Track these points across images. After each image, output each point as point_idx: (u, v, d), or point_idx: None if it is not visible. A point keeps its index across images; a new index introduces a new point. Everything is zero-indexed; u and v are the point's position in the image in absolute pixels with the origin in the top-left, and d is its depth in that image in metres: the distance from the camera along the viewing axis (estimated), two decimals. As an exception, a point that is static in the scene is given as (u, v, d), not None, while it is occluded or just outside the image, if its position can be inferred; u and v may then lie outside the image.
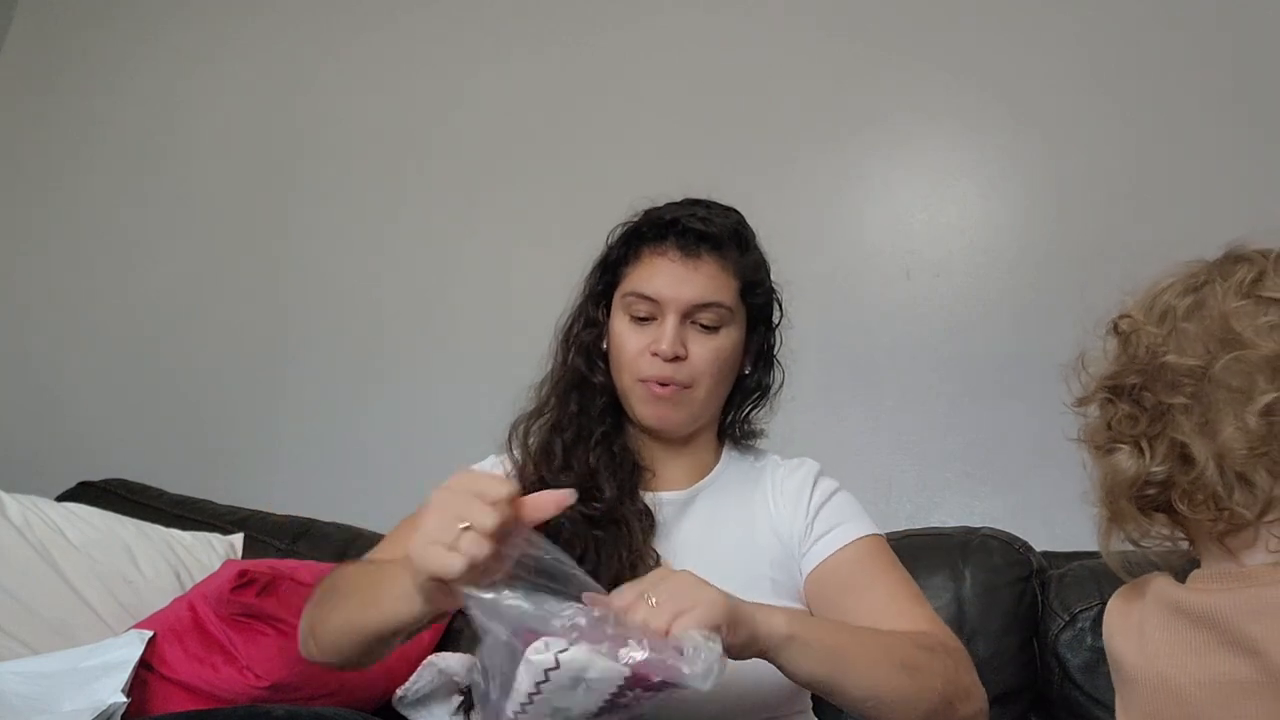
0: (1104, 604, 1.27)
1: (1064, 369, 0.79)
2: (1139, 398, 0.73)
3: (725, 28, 2.02)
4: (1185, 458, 0.70)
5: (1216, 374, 0.69)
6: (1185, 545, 0.76)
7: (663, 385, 1.06)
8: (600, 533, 1.01)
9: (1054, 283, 1.73)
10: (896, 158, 1.87)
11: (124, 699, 1.17)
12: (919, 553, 1.39)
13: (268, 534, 1.72)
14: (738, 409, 1.17)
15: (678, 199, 1.14)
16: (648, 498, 1.07)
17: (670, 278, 1.07)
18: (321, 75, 2.28)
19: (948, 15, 1.88)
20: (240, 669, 1.23)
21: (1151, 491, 0.72)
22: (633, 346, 1.07)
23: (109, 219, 2.36)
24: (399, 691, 1.36)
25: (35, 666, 1.25)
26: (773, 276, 1.16)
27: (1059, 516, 1.62)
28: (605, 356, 1.12)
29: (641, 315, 1.08)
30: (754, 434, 1.19)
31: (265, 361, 2.16)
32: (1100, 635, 1.26)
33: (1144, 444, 0.72)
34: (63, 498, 1.78)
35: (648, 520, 1.05)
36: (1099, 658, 1.26)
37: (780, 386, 1.18)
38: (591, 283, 1.16)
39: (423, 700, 1.35)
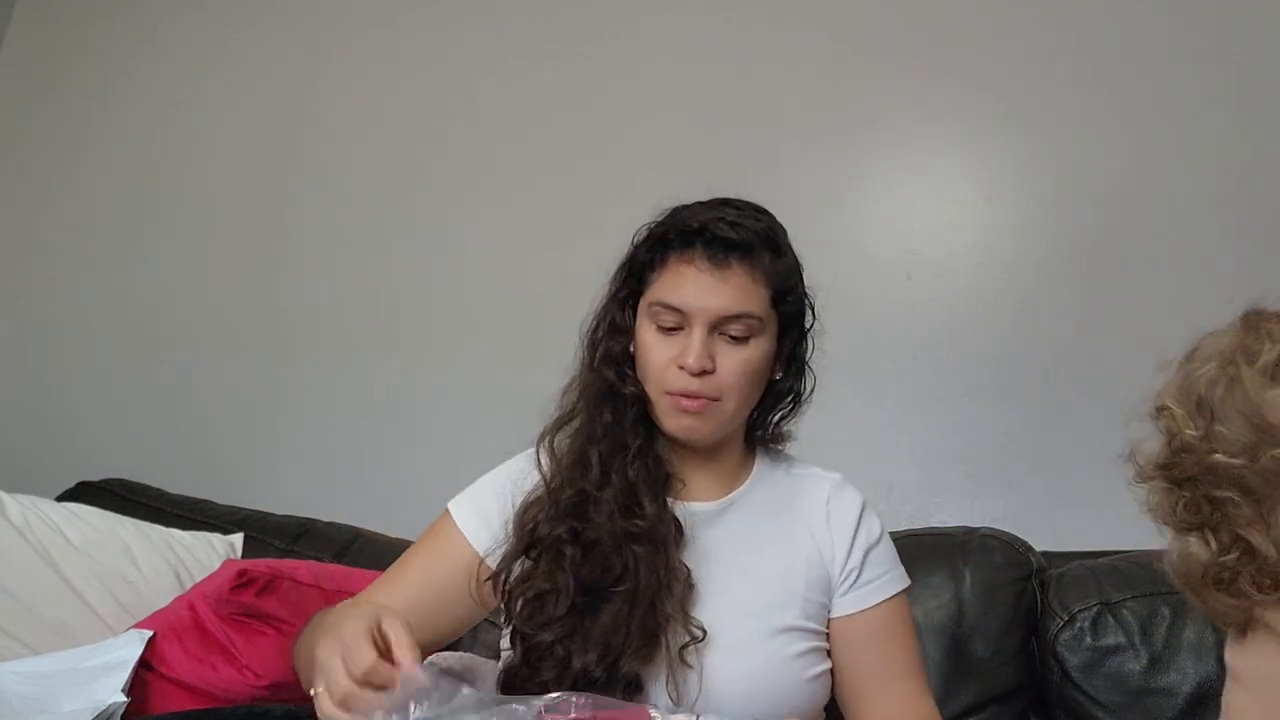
0: (1103, 604, 1.29)
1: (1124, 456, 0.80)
2: (1195, 489, 0.74)
3: (725, 29, 2.02)
4: (1249, 548, 0.71)
5: (1262, 469, 0.69)
6: None
7: (690, 399, 1.02)
8: (639, 548, 0.99)
9: (1054, 283, 1.73)
10: (897, 158, 1.87)
11: (124, 699, 1.17)
12: (919, 552, 1.39)
13: (268, 534, 1.72)
14: (768, 414, 1.14)
15: (703, 198, 1.09)
16: (677, 508, 1.05)
17: (698, 288, 1.02)
18: (322, 75, 2.28)
19: (948, 15, 1.87)
20: (240, 669, 1.23)
21: (1225, 575, 0.73)
22: (659, 358, 1.03)
23: (109, 218, 2.36)
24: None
25: (35, 666, 1.25)
26: (805, 280, 1.11)
27: (1059, 516, 1.62)
28: (634, 363, 1.07)
29: (669, 326, 1.03)
30: (782, 437, 1.16)
31: (265, 361, 2.16)
32: (1100, 635, 1.27)
33: (1208, 533, 0.73)
34: (63, 498, 1.78)
35: (679, 533, 1.03)
36: (1098, 657, 1.26)
37: (811, 391, 1.14)
38: (615, 285, 1.11)
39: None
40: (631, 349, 1.08)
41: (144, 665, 1.25)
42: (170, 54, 2.42)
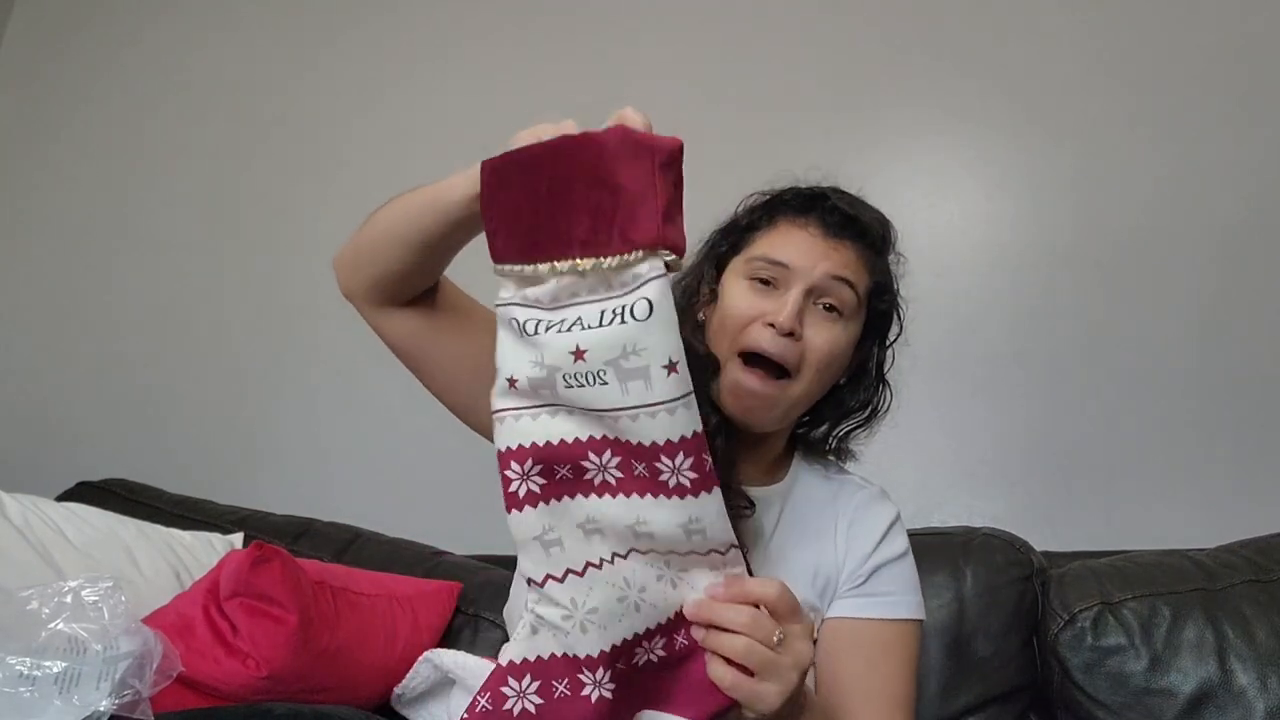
0: (1104, 604, 1.29)
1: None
2: None
3: (727, 30, 2.02)
4: None
5: None
6: None
7: (763, 379, 0.94)
8: None
9: (1055, 283, 1.73)
10: (898, 156, 1.87)
11: (123, 699, 1.17)
12: (920, 553, 1.37)
13: (268, 534, 1.71)
14: (828, 422, 1.07)
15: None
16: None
17: (808, 247, 0.96)
18: (314, 71, 2.28)
19: (950, 13, 1.88)
20: (242, 659, 1.23)
21: None
22: (744, 310, 0.95)
23: (108, 218, 2.36)
24: (397, 690, 1.35)
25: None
26: (900, 290, 1.06)
27: (1059, 516, 1.62)
28: (703, 327, 1.00)
29: (764, 278, 0.96)
30: (847, 453, 1.10)
31: (265, 361, 2.16)
32: (1100, 635, 1.27)
33: None
34: (63, 498, 1.77)
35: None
36: (1099, 657, 1.26)
37: (888, 408, 1.09)
38: (713, 242, 1.05)
39: (420, 698, 1.35)
40: (702, 317, 1.01)
41: (144, 665, 1.25)
42: (163, 52, 2.42)
